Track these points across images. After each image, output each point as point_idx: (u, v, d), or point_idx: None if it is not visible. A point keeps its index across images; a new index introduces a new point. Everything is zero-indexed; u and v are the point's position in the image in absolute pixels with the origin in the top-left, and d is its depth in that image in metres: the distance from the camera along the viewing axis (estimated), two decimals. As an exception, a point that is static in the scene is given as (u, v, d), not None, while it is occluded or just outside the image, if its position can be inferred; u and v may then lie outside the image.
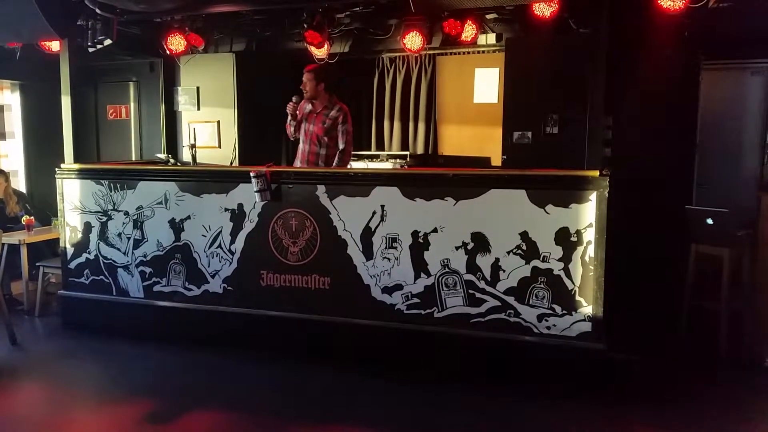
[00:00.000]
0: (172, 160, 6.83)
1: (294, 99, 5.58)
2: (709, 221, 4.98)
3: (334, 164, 5.66)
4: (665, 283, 5.48)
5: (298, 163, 5.74)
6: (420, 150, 7.74)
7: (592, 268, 4.19)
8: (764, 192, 5.07)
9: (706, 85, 5.88)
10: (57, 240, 5.85)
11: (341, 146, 5.66)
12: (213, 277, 5.11)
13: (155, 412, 4.08)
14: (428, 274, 4.55)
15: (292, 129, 5.73)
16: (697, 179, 5.94)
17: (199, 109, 7.80)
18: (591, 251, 4.18)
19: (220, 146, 7.73)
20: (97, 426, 4.06)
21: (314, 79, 5.53)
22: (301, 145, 5.73)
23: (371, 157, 7.35)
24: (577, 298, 4.24)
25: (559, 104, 6.23)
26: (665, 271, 5.52)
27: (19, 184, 7.66)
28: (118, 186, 5.35)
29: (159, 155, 7.09)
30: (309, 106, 5.63)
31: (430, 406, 4.13)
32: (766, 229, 4.70)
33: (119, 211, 5.36)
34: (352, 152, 6.09)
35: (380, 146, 7.97)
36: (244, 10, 6.26)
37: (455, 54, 7.53)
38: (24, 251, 6.01)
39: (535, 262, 4.30)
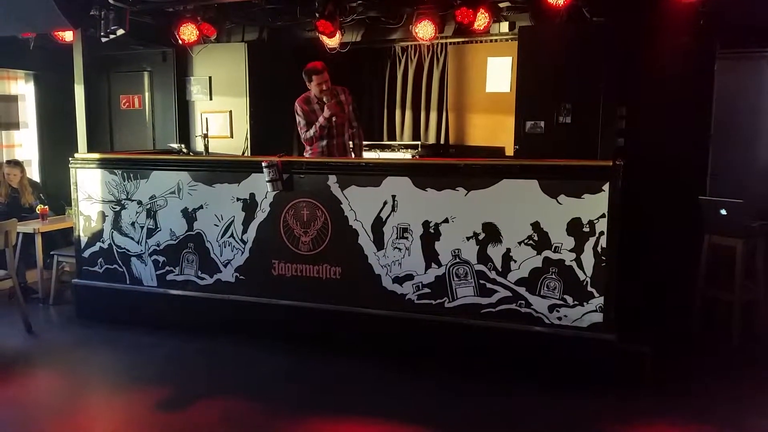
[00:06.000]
0: (184, 150, 6.86)
1: (327, 107, 5.43)
2: (723, 212, 4.94)
3: (357, 143, 5.79)
4: (678, 274, 5.44)
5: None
6: (432, 140, 7.71)
7: (605, 258, 4.16)
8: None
9: (721, 74, 5.80)
10: (71, 229, 5.89)
11: (355, 124, 5.73)
12: (225, 266, 5.14)
13: (168, 399, 4.13)
14: (439, 265, 4.55)
15: (319, 131, 5.53)
16: (711, 169, 5.87)
17: (211, 98, 7.81)
18: (603, 242, 4.15)
19: (232, 136, 7.74)
20: (111, 413, 4.12)
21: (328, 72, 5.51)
22: (327, 141, 5.57)
23: (383, 147, 7.34)
24: (589, 288, 4.22)
25: (573, 93, 6.17)
26: (678, 262, 5.48)
27: (33, 173, 7.71)
28: (132, 175, 5.38)
29: (172, 145, 7.12)
30: (318, 105, 5.52)
31: (440, 395, 4.14)
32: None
33: (132, 200, 5.39)
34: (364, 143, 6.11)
35: (392, 136, 7.95)
36: (255, 0, 6.26)
37: (468, 43, 7.48)
38: (38, 240, 6.07)
39: (547, 253, 4.29)
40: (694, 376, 4.39)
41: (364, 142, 6.97)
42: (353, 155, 5.82)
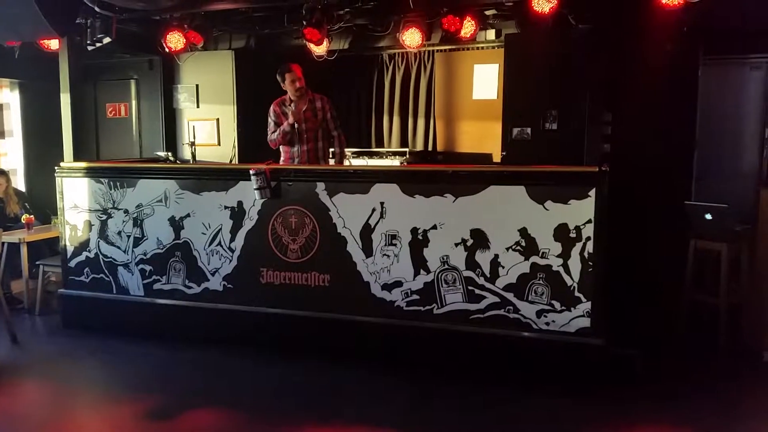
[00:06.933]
0: (171, 158, 6.83)
1: (291, 114, 5.53)
2: (708, 216, 4.99)
3: (337, 151, 5.82)
4: (664, 278, 5.48)
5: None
6: (419, 146, 7.74)
7: (591, 263, 4.19)
8: (764, 187, 5.08)
9: (705, 80, 5.87)
10: (57, 238, 5.86)
11: (336, 133, 5.77)
12: (213, 274, 5.12)
13: (155, 409, 4.10)
14: (428, 271, 4.56)
15: (281, 136, 5.63)
16: (696, 174, 5.94)
17: (198, 106, 7.79)
18: (590, 247, 4.18)
19: (219, 144, 7.73)
20: (98, 424, 4.09)
21: (302, 73, 5.60)
22: (298, 147, 5.66)
23: (371, 154, 7.35)
24: (576, 293, 4.24)
25: (559, 100, 6.23)
26: (664, 266, 5.52)
27: (19, 182, 7.65)
28: (118, 184, 5.35)
29: (159, 153, 7.09)
30: (290, 108, 5.60)
31: (430, 402, 4.14)
32: (765, 224, 4.71)
33: (119, 209, 5.36)
34: (348, 149, 6.16)
35: (380, 143, 7.97)
36: (243, 7, 6.26)
37: (455, 50, 7.52)
38: (24, 250, 6.02)
39: (534, 259, 4.31)
40: (682, 379, 4.42)
41: (353, 150, 7.02)
42: (330, 162, 5.83)
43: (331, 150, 5.90)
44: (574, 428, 3.79)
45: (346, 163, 6.47)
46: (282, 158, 5.76)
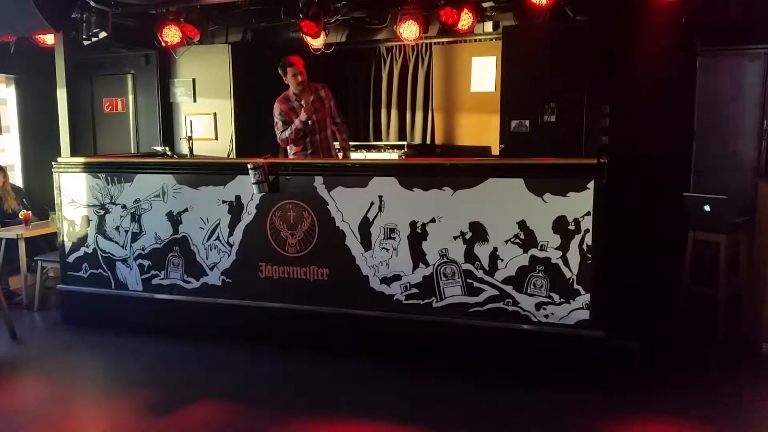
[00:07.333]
0: (169, 153, 6.82)
1: (304, 110, 5.49)
2: (707, 208, 4.99)
3: (344, 137, 5.86)
4: (663, 270, 5.49)
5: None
6: (418, 140, 7.73)
7: (590, 256, 4.18)
8: (762, 178, 5.08)
9: (703, 72, 5.87)
10: (55, 234, 5.85)
11: (339, 120, 5.79)
12: (211, 269, 5.11)
13: (155, 404, 4.10)
14: (427, 264, 4.55)
15: (295, 134, 5.60)
16: (695, 166, 5.94)
17: (195, 100, 7.78)
18: (589, 239, 4.18)
19: (217, 138, 7.71)
20: (98, 418, 4.09)
21: (304, 66, 5.56)
22: (311, 138, 5.63)
23: (369, 148, 7.34)
24: (575, 286, 4.24)
25: (557, 92, 6.22)
26: (663, 258, 5.53)
27: (16, 178, 7.64)
28: (116, 179, 5.34)
29: (156, 148, 7.08)
30: (297, 103, 5.59)
31: (429, 395, 4.15)
32: (764, 216, 4.71)
33: (117, 204, 5.35)
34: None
35: (378, 136, 7.96)
36: (239, 1, 6.24)
37: (452, 43, 7.50)
38: (22, 245, 6.01)
39: (533, 251, 4.30)
40: (681, 372, 4.43)
41: (351, 143, 7.00)
42: (340, 151, 5.85)
43: (336, 144, 5.89)
44: (574, 419, 3.79)
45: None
46: (293, 152, 5.74)
